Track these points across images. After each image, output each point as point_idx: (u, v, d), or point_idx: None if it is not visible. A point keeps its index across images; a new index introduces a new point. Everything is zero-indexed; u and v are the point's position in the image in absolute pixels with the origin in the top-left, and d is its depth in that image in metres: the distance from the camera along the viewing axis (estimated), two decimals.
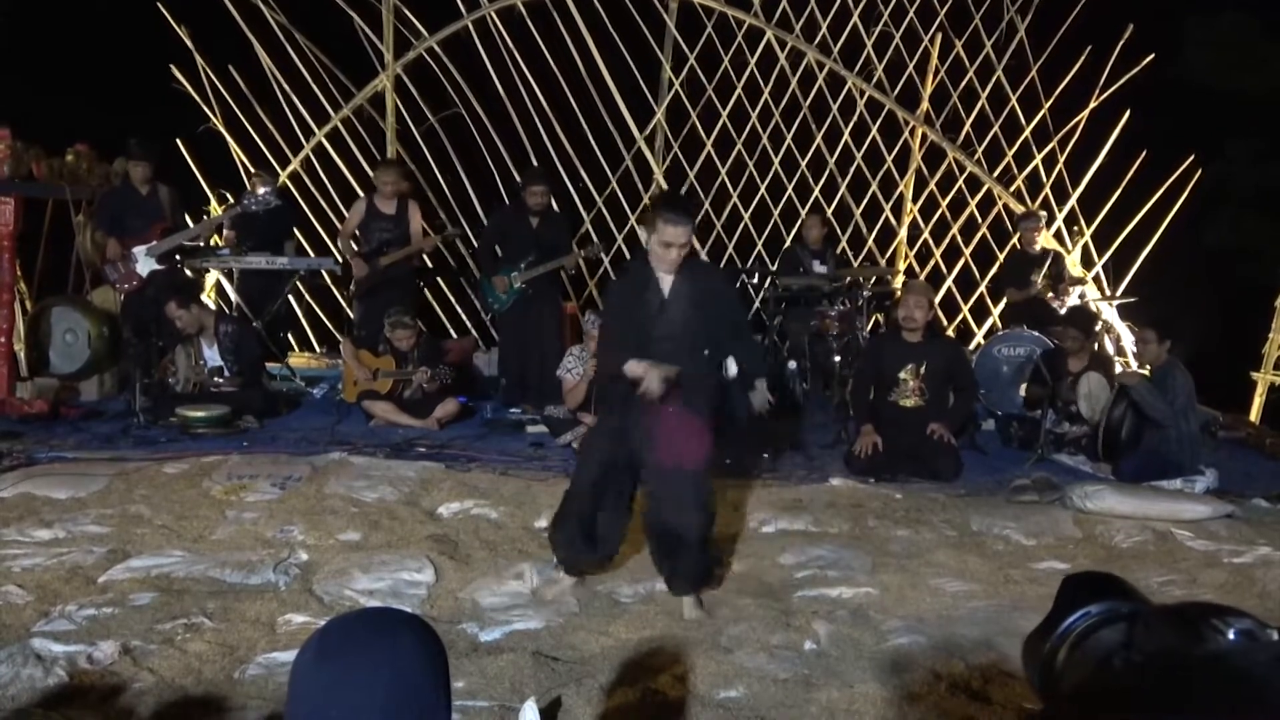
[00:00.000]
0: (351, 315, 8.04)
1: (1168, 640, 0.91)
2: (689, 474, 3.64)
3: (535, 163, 8.91)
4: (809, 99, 9.34)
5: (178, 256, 7.26)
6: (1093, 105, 8.98)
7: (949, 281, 9.40)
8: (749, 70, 9.31)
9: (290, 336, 8.90)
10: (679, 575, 3.71)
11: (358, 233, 7.39)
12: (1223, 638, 0.87)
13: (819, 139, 9.40)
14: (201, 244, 7.52)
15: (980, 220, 9.33)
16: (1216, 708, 0.82)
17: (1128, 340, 8.39)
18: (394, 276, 7.33)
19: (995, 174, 9.21)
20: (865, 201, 9.51)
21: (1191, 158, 8.77)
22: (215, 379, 6.68)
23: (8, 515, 4.37)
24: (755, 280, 8.98)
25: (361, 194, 8.03)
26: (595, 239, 8.39)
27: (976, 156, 9.24)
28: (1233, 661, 0.85)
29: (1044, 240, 8.15)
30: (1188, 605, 0.93)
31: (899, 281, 8.58)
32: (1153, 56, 8.89)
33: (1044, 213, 8.53)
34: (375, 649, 1.27)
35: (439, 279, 9.13)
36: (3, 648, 3.06)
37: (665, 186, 9.27)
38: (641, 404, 3.60)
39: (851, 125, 9.36)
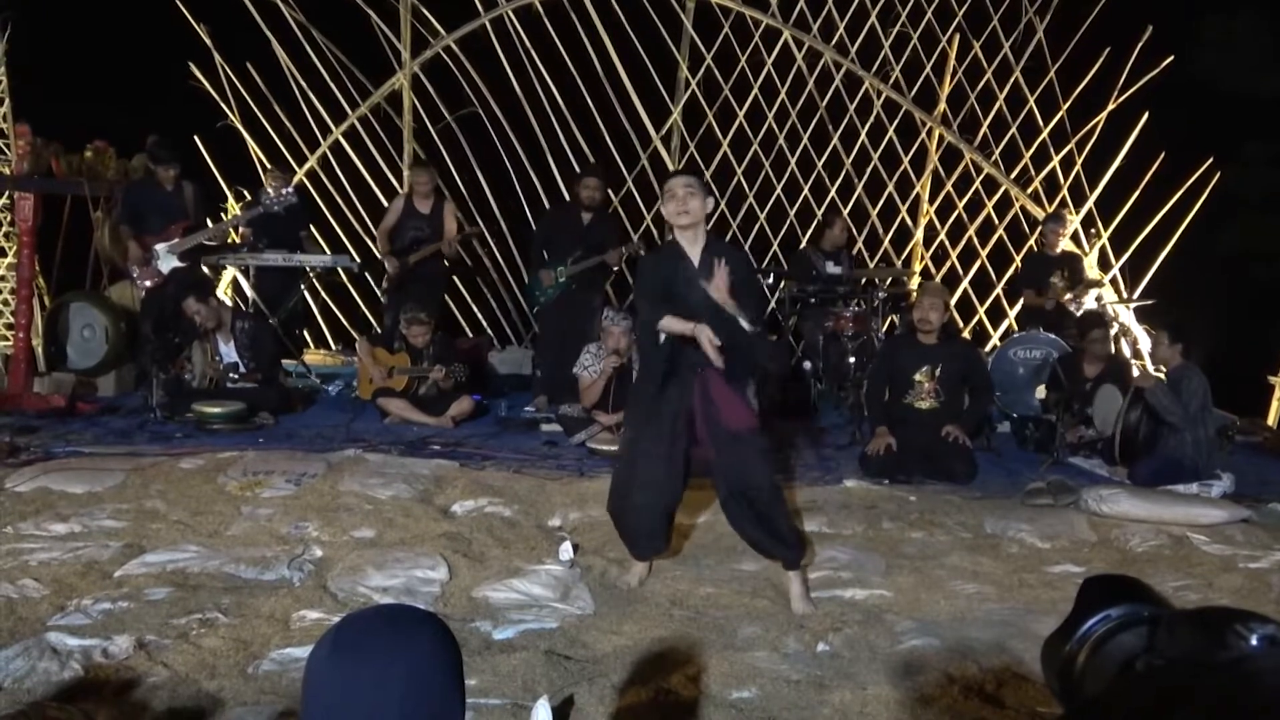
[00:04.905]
0: (367, 312, 8.05)
1: (1190, 645, 0.89)
2: (749, 437, 3.72)
3: (551, 162, 8.94)
4: (825, 99, 9.32)
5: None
6: (1111, 107, 8.94)
7: (965, 283, 9.37)
8: (766, 70, 9.29)
9: (306, 333, 8.94)
10: (784, 543, 3.77)
11: (393, 229, 7.41)
12: (1246, 643, 0.86)
13: (835, 140, 9.38)
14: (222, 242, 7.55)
15: (997, 222, 9.29)
16: (1239, 714, 0.81)
17: (1145, 343, 8.35)
18: (423, 274, 7.34)
19: (1013, 175, 9.18)
20: (881, 202, 9.49)
21: (1210, 160, 8.72)
22: (231, 375, 6.71)
23: (25, 509, 4.40)
24: (770, 281, 8.97)
25: (400, 191, 8.08)
26: (634, 237, 8.38)
27: (994, 158, 9.20)
28: (1256, 667, 0.84)
29: (1063, 242, 8.11)
30: (1210, 609, 0.92)
31: (914, 283, 8.55)
32: (1171, 58, 8.84)
33: (1071, 215, 8.49)
34: (390, 646, 1.27)
35: (454, 278, 9.15)
36: (19, 641, 3.07)
37: None
38: (690, 378, 3.67)
39: (868, 126, 9.34)
